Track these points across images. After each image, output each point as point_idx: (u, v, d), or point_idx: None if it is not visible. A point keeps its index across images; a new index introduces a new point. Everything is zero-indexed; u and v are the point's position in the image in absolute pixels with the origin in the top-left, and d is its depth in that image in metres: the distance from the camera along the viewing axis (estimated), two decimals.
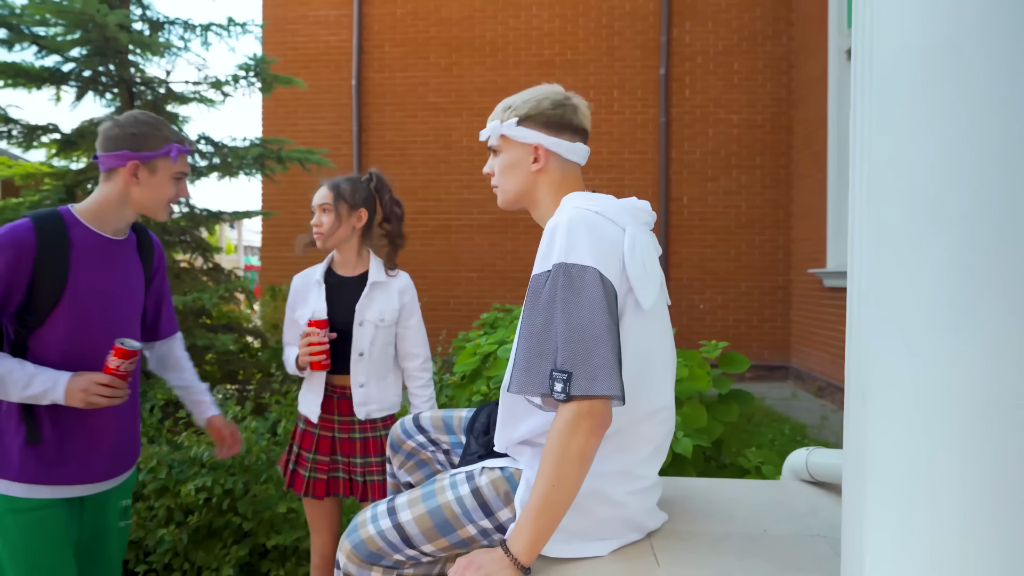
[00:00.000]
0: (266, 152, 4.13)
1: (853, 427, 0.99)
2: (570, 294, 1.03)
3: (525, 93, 1.27)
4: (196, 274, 4.17)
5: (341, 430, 1.84)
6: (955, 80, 0.73)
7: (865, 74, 0.88)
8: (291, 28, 7.19)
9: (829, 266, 5.54)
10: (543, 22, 6.90)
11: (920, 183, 0.77)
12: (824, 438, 4.57)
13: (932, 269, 0.76)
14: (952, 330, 0.76)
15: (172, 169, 1.46)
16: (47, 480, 1.36)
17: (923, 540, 0.78)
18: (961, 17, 0.73)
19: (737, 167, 6.73)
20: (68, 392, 1.32)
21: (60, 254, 1.34)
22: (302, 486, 1.83)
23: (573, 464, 1.00)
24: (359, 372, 1.80)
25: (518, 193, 1.28)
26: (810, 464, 1.56)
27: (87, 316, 1.39)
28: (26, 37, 3.53)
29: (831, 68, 5.56)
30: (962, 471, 0.77)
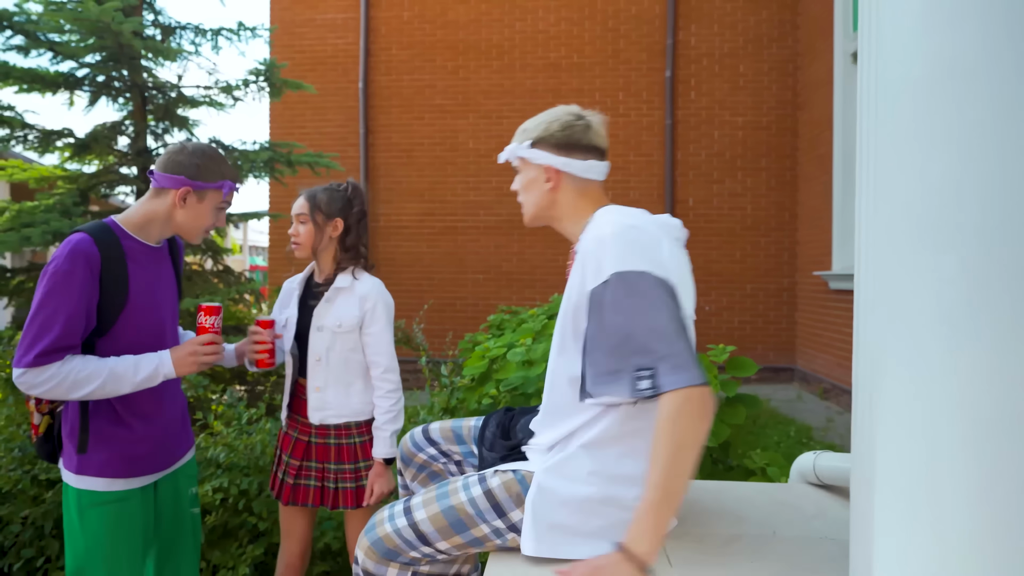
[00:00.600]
0: (275, 156, 4.17)
1: (861, 432, 1.02)
2: (636, 300, 1.08)
3: (540, 116, 1.33)
4: (207, 276, 4.21)
5: (317, 434, 1.83)
6: (963, 87, 0.75)
7: (872, 80, 0.90)
8: (298, 32, 7.23)
9: (835, 268, 5.55)
10: (549, 25, 6.93)
11: (928, 191, 0.79)
12: (830, 440, 4.59)
13: (940, 278, 0.79)
14: (959, 338, 0.78)
15: (218, 200, 1.54)
16: (124, 473, 1.46)
17: (929, 544, 0.81)
18: (967, 22, 0.75)
19: (742, 169, 6.75)
20: (177, 363, 1.46)
21: (119, 263, 1.43)
22: (276, 487, 1.85)
23: (683, 451, 1.03)
24: (316, 377, 1.80)
25: (538, 210, 1.34)
26: (817, 468, 1.59)
27: (144, 320, 1.49)
28: (42, 43, 3.58)
29: (837, 70, 5.58)
30: (967, 477, 0.80)
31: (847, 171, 5.48)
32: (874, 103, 0.82)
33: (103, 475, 1.44)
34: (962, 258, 0.75)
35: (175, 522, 1.63)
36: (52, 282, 1.33)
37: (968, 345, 0.78)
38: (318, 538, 2.34)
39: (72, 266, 1.34)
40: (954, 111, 0.75)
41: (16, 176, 3.85)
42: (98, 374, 1.35)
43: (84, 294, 1.35)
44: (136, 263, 1.47)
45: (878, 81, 0.81)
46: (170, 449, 1.58)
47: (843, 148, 5.50)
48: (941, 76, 0.75)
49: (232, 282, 4.25)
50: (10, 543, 2.31)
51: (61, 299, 1.33)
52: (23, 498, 2.33)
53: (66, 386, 1.33)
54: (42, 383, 1.32)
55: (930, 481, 0.82)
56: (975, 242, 0.77)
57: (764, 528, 1.37)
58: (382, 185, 7.11)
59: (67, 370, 1.33)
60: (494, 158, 6.94)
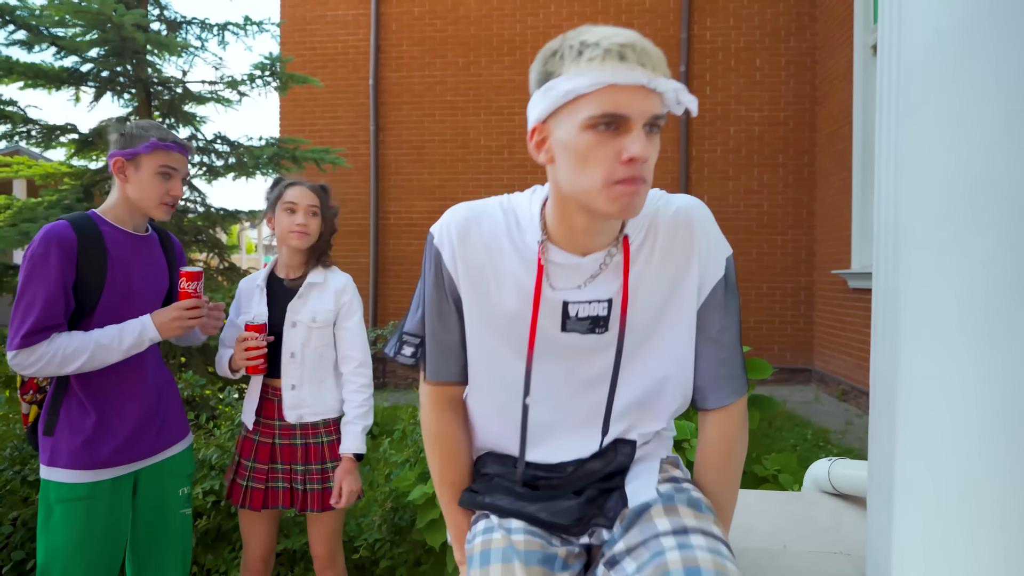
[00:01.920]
0: (281, 151, 4.12)
1: (879, 438, 0.92)
2: (735, 289, 1.00)
3: (647, 43, 0.82)
4: (211, 273, 4.18)
5: (282, 435, 1.76)
6: (990, 70, 0.66)
7: (892, 66, 0.81)
8: (309, 28, 7.21)
9: (854, 267, 5.39)
10: (561, 20, 6.83)
11: (952, 181, 0.70)
12: (848, 444, 4.44)
13: (966, 273, 0.69)
14: (988, 338, 0.69)
15: (153, 163, 1.52)
16: (89, 463, 1.45)
17: (956, 563, 0.71)
18: (993, 3, 0.67)
19: (759, 166, 6.60)
20: (161, 326, 1.49)
21: (96, 246, 1.47)
22: (240, 497, 1.75)
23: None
24: (290, 374, 1.74)
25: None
26: (833, 475, 1.48)
27: (126, 305, 1.51)
28: (45, 38, 3.56)
29: (856, 63, 5.41)
30: (1004, 489, 0.70)
31: (867, 167, 5.31)
32: (895, 60, 0.72)
33: (69, 467, 1.44)
34: (1000, 237, 0.65)
35: (157, 522, 1.59)
36: (30, 266, 1.39)
37: (997, 347, 0.68)
38: (281, 541, 2.27)
39: (47, 248, 1.39)
40: (993, 63, 0.64)
41: (22, 172, 3.84)
42: (85, 347, 1.40)
43: (60, 275, 1.40)
44: (116, 249, 1.50)
45: (901, 35, 0.71)
46: (145, 442, 1.54)
47: (863, 143, 5.34)
48: (977, 25, 0.64)
49: (236, 279, 4.21)
50: (1, 544, 2.28)
51: (40, 281, 1.39)
52: (13, 499, 2.29)
53: (56, 363, 1.39)
54: (33, 362, 1.38)
55: (960, 493, 0.72)
56: (1006, 235, 0.67)
57: (773, 541, 1.27)
58: (392, 182, 7.06)
59: (54, 347, 1.39)
60: (506, 155, 6.86)
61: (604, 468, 1.00)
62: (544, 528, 0.97)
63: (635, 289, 0.93)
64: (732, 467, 0.99)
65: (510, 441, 1.03)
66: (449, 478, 1.07)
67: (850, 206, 5.53)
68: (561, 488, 1.01)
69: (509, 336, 0.97)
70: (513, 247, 0.96)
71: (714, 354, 0.98)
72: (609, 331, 0.94)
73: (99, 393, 1.48)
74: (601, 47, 0.78)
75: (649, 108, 0.79)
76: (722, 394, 0.98)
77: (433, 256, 1.00)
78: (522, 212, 0.98)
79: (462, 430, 1.08)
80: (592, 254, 0.93)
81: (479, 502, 1.02)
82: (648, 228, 0.94)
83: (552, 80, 0.83)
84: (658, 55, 0.80)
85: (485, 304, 0.98)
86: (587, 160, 0.81)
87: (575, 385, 0.98)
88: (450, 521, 1.08)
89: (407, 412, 2.93)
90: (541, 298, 0.94)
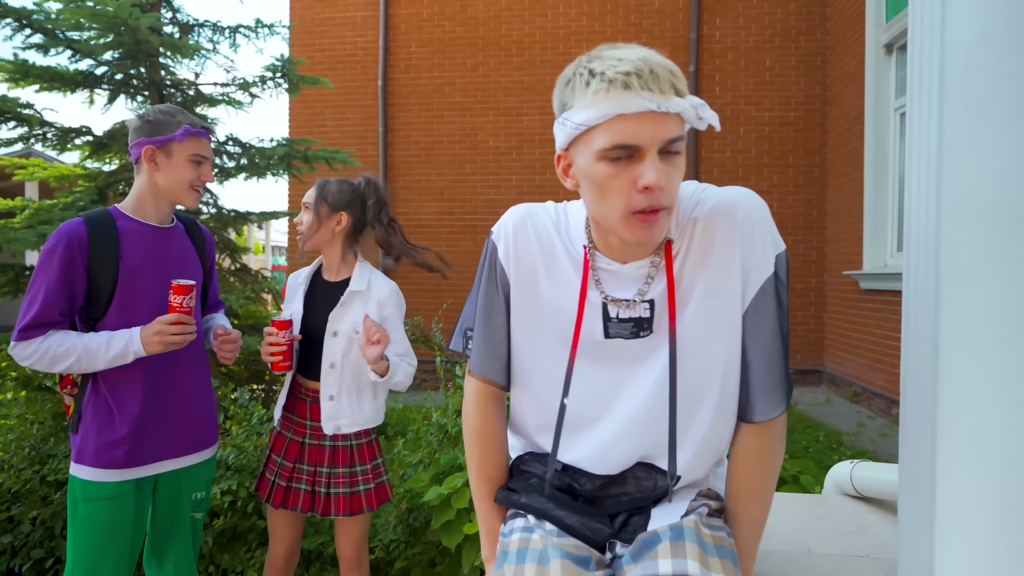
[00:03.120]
0: (292, 152, 4.14)
1: (913, 445, 0.91)
2: (786, 291, 0.92)
3: (660, 58, 0.81)
4: (224, 274, 4.19)
5: (312, 435, 1.74)
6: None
7: (929, 69, 0.80)
8: (318, 30, 7.23)
9: (865, 268, 5.36)
10: (570, 20, 6.82)
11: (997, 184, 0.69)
12: (861, 445, 4.41)
13: (1011, 276, 0.68)
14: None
15: (186, 151, 1.51)
16: (112, 463, 1.45)
17: (1003, 572, 0.70)
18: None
19: (769, 166, 6.57)
20: (144, 340, 1.43)
21: (110, 241, 1.45)
22: (266, 492, 1.74)
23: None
24: (329, 384, 1.70)
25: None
26: (855, 478, 1.47)
27: (146, 300, 1.49)
28: (61, 41, 3.58)
29: (868, 62, 5.38)
30: None
31: (879, 167, 5.28)
32: (935, 64, 0.71)
33: (95, 465, 1.44)
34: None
35: (170, 524, 1.60)
36: (39, 261, 1.42)
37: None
38: (328, 544, 2.27)
39: (55, 245, 1.40)
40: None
41: (37, 175, 3.86)
42: (73, 350, 1.40)
43: (64, 271, 1.40)
44: (134, 244, 1.49)
45: (944, 38, 0.70)
46: (169, 444, 1.54)
47: (875, 143, 5.31)
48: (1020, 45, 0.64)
49: (249, 280, 4.23)
50: (20, 543, 2.29)
51: (44, 277, 1.40)
52: (32, 498, 2.30)
53: (47, 360, 1.40)
54: (28, 356, 1.40)
55: (1010, 501, 0.71)
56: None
57: (798, 544, 1.26)
58: (401, 184, 7.07)
59: (47, 345, 1.40)
60: (514, 156, 6.86)
61: (638, 494, 0.99)
62: (575, 536, 0.97)
63: (683, 290, 0.91)
64: (767, 480, 0.95)
65: (547, 440, 1.03)
66: (486, 472, 1.07)
67: (861, 206, 5.50)
68: (597, 504, 1.00)
69: (554, 333, 0.98)
70: (564, 246, 0.97)
71: (762, 363, 0.91)
72: (655, 334, 0.93)
73: (128, 392, 1.48)
74: (606, 77, 0.78)
75: (661, 133, 0.78)
76: (768, 406, 0.92)
77: (490, 250, 1.02)
78: (572, 217, 1.00)
79: (503, 426, 1.09)
80: (634, 262, 0.93)
81: (515, 501, 1.02)
82: (688, 226, 0.91)
83: (566, 112, 0.85)
84: (668, 75, 0.78)
85: (534, 298, 0.99)
86: (605, 190, 0.82)
87: (621, 394, 0.95)
88: (482, 517, 1.08)
89: (420, 413, 2.93)
90: (587, 300, 0.94)
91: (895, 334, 4.83)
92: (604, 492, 1.00)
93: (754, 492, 0.96)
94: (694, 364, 0.92)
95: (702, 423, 0.94)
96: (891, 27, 5.09)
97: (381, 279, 1.80)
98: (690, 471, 0.96)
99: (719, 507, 1.00)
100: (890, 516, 1.37)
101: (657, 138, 0.78)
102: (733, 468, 0.98)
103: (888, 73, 5.26)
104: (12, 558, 2.28)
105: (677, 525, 0.90)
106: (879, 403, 5.14)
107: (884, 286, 5.01)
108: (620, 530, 0.98)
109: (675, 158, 0.81)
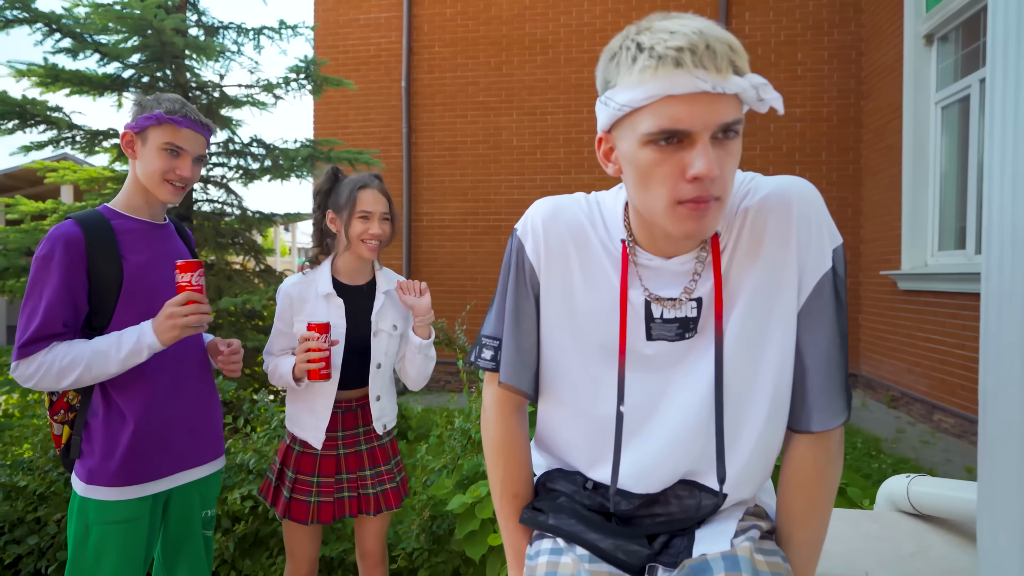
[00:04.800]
0: (316, 153, 4.12)
1: (997, 462, 0.81)
2: (844, 288, 0.83)
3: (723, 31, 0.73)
4: (248, 276, 4.19)
5: (346, 445, 1.70)
6: None
7: (1014, 71, 0.70)
8: (342, 32, 7.24)
9: (904, 268, 5.16)
10: (595, 17, 6.72)
11: None
12: (901, 453, 4.23)
13: None
14: None
15: (159, 138, 1.39)
16: (124, 479, 1.36)
17: None
18: None
19: (801, 163, 6.38)
20: (158, 329, 1.31)
21: (108, 242, 1.34)
22: (307, 513, 1.66)
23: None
24: (376, 385, 1.72)
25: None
26: (912, 494, 1.36)
27: (151, 301, 1.39)
28: (89, 45, 3.61)
29: (907, 54, 5.18)
30: None
31: (918, 162, 5.08)
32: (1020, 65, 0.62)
33: (112, 484, 1.35)
34: None
35: (181, 540, 1.53)
36: (33, 270, 1.29)
37: None
38: (350, 551, 2.22)
39: (50, 250, 1.28)
40: None
41: (68, 177, 3.90)
42: (81, 356, 1.27)
43: (65, 277, 1.28)
44: (131, 241, 1.39)
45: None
46: (182, 455, 1.46)
47: (914, 138, 5.10)
48: None
49: (272, 281, 4.22)
50: (47, 544, 2.29)
51: (42, 286, 1.28)
52: (57, 500, 2.29)
53: (53, 374, 1.26)
54: (32, 375, 1.27)
55: None
56: None
57: (854, 568, 1.16)
58: (425, 184, 7.04)
59: (52, 358, 1.27)
60: (538, 155, 6.78)
61: (680, 514, 0.89)
62: (608, 561, 0.88)
63: (730, 287, 0.82)
64: (825, 498, 0.86)
65: (579, 456, 0.94)
66: (512, 490, 0.99)
67: (899, 204, 5.30)
68: (632, 524, 0.91)
69: (590, 336, 0.88)
70: (599, 240, 0.88)
71: (820, 366, 0.82)
72: (700, 335, 0.84)
73: (141, 401, 1.39)
74: (655, 53, 0.69)
75: (715, 117, 0.69)
76: (828, 414, 0.83)
77: (515, 250, 0.92)
78: (607, 208, 0.90)
79: (527, 437, 1.01)
80: (678, 256, 0.84)
81: (543, 523, 0.94)
82: (738, 218, 0.82)
83: (609, 91, 0.76)
84: (727, 51, 0.69)
85: (567, 298, 0.89)
86: (650, 177, 0.73)
87: (663, 404, 0.86)
88: (507, 537, 1.00)
89: (442, 416, 2.88)
90: (628, 300, 0.85)
91: (936, 336, 4.63)
92: (642, 512, 0.91)
93: (810, 511, 0.86)
94: (742, 368, 0.83)
95: (751, 434, 0.85)
96: (932, 17, 4.89)
97: (395, 275, 1.84)
98: (738, 488, 0.87)
99: (770, 528, 0.91)
100: (954, 537, 1.25)
101: (710, 122, 0.69)
102: (786, 484, 0.88)
103: (928, 65, 5.06)
104: (39, 559, 2.28)
105: (731, 555, 0.80)
106: (919, 408, 4.94)
107: (924, 287, 4.81)
108: (660, 552, 0.89)
109: (730, 143, 0.72)
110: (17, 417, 3.26)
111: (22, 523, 2.28)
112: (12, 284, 3.25)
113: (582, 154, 6.69)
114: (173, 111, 1.39)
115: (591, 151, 6.68)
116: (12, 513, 2.25)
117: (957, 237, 4.78)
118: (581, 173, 6.71)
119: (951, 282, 4.43)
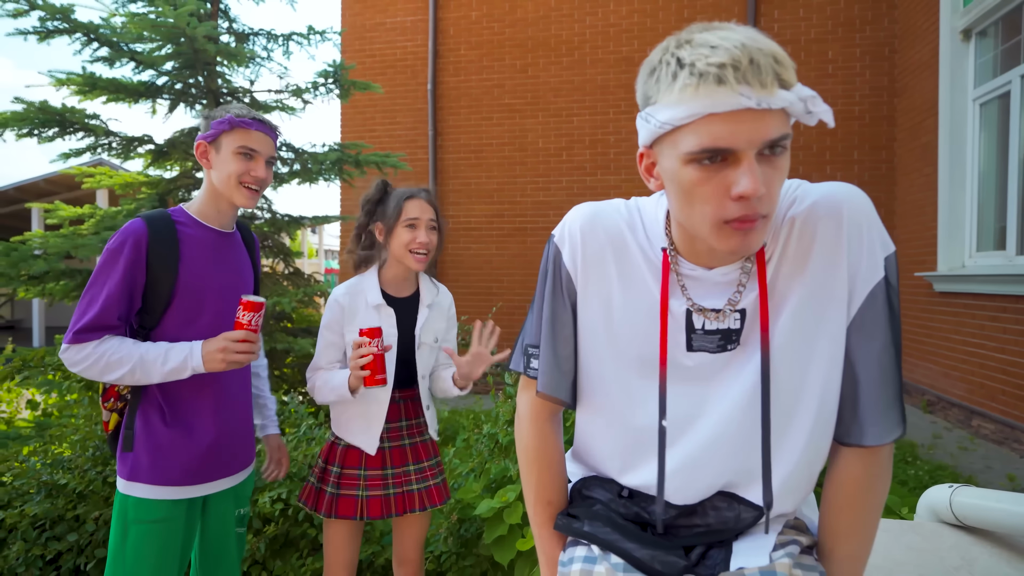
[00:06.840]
0: (344, 156, 4.16)
1: None
2: (898, 297, 0.80)
3: (768, 41, 0.69)
4: (277, 278, 4.25)
5: (390, 439, 1.71)
6: None
7: None
8: (369, 36, 7.31)
9: (940, 269, 5.02)
10: (621, 18, 6.68)
11: None
12: (939, 459, 4.12)
13: None
14: None
15: (232, 143, 1.44)
16: (167, 480, 1.39)
17: None
18: None
19: (832, 163, 6.26)
20: (206, 356, 1.36)
21: (170, 246, 1.38)
22: (356, 508, 1.65)
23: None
24: (424, 395, 1.76)
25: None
26: (956, 505, 1.32)
27: (201, 308, 1.42)
28: (125, 54, 3.70)
29: (943, 50, 5.05)
30: None
31: (955, 161, 4.94)
32: None
33: (151, 482, 1.38)
34: None
35: (221, 544, 1.56)
36: (101, 260, 1.34)
37: None
38: (379, 553, 2.23)
39: (120, 244, 1.33)
40: None
41: (104, 182, 4.00)
42: (129, 358, 1.32)
43: (128, 272, 1.33)
44: (193, 249, 1.43)
45: None
46: (223, 462, 1.49)
47: (950, 136, 4.96)
48: None
49: (302, 284, 4.27)
50: (85, 541, 2.34)
51: (106, 277, 1.33)
52: (96, 498, 2.35)
53: (100, 367, 1.31)
54: (80, 361, 1.31)
55: None
56: None
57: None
58: (451, 187, 7.07)
59: (102, 351, 1.31)
60: (564, 157, 6.76)
61: (717, 526, 0.87)
62: (643, 571, 0.87)
63: (776, 298, 0.80)
64: (872, 513, 0.84)
65: (613, 466, 0.93)
66: (546, 497, 0.99)
67: (935, 204, 5.16)
68: (669, 535, 0.89)
69: (629, 345, 0.86)
70: (639, 248, 0.86)
71: (874, 378, 0.79)
72: (742, 347, 0.82)
73: (190, 407, 1.42)
74: (696, 70, 0.66)
75: (761, 134, 0.66)
76: (882, 428, 0.79)
77: (552, 256, 0.91)
78: (648, 215, 0.88)
79: (561, 444, 1.00)
80: (721, 267, 0.82)
81: (577, 529, 0.93)
82: (784, 227, 0.80)
83: (649, 107, 0.73)
84: (772, 64, 0.65)
85: (605, 307, 0.88)
86: (693, 196, 0.71)
87: (704, 415, 0.84)
88: (541, 544, 1.00)
89: (468, 419, 2.88)
90: (669, 309, 0.83)
91: (974, 339, 4.50)
92: (678, 523, 0.89)
93: (856, 526, 0.84)
94: (788, 380, 0.80)
95: (795, 447, 0.82)
96: (969, 12, 4.76)
97: (441, 286, 1.83)
98: (781, 502, 0.85)
99: (811, 542, 0.88)
100: (1000, 551, 1.21)
101: (755, 140, 0.67)
102: (832, 498, 0.85)
103: (966, 61, 4.92)
104: (78, 556, 2.33)
105: (769, 570, 0.78)
106: (956, 413, 4.79)
107: (962, 288, 4.67)
108: (697, 563, 0.88)
109: (777, 159, 0.69)
110: (56, 416, 3.35)
111: (62, 520, 2.34)
112: (52, 287, 3.34)
113: (608, 155, 6.66)
114: (242, 115, 1.45)
115: (617, 152, 6.64)
116: (53, 510, 2.31)
117: (996, 237, 4.63)
118: (607, 175, 6.67)
119: (990, 284, 4.29)
